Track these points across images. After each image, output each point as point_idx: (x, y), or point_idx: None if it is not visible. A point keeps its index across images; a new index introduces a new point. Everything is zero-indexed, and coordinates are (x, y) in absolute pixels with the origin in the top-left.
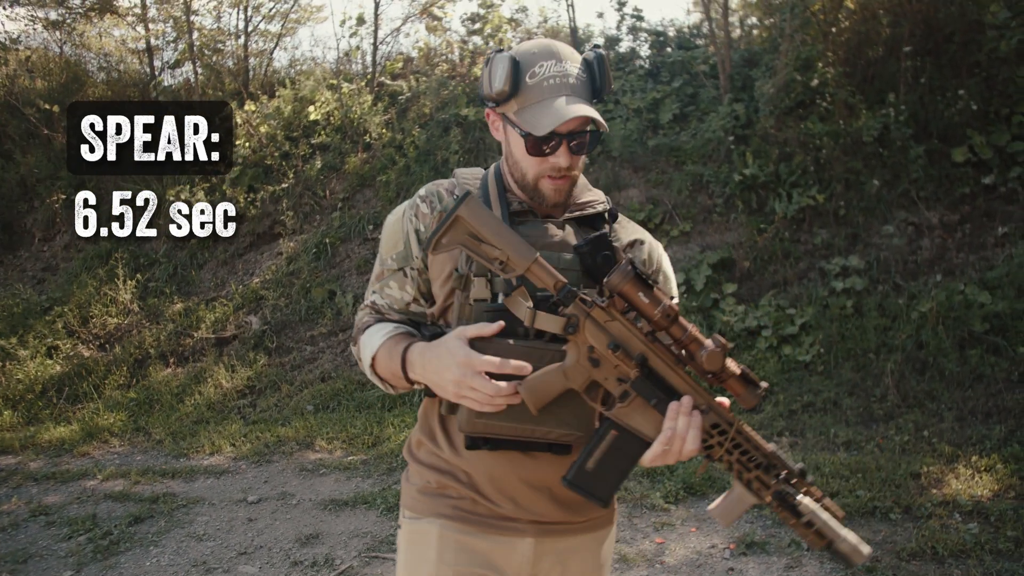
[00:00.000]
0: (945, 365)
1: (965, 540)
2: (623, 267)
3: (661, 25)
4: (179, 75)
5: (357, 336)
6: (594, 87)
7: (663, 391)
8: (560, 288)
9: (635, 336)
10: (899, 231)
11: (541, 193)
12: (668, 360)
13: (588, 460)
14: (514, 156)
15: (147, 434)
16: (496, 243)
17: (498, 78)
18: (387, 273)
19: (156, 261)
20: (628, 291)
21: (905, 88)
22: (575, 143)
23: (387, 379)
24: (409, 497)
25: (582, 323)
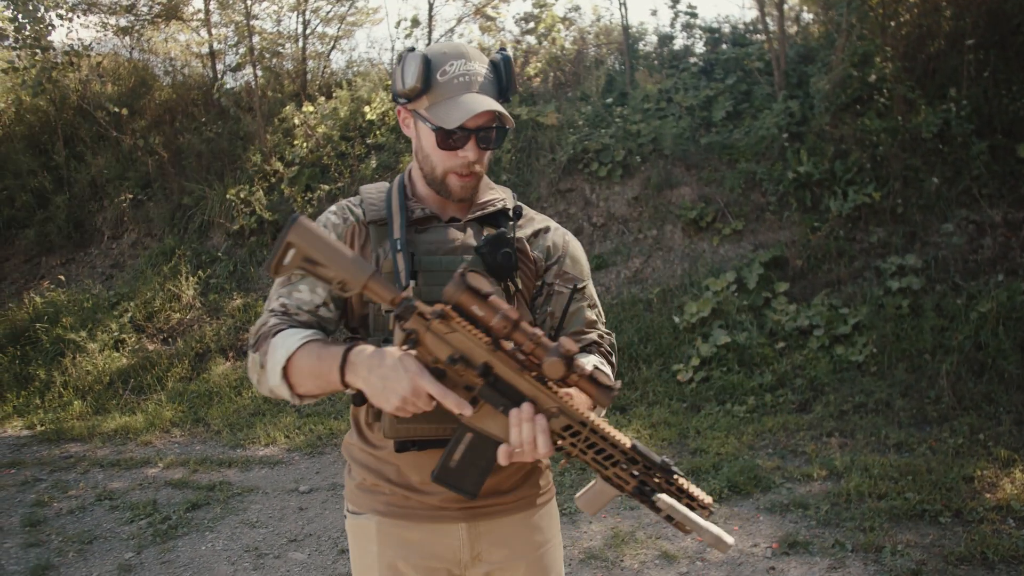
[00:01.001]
0: (1004, 367)
1: (1018, 546)
2: (455, 279)
3: (716, 22)
4: (240, 78)
5: (262, 342)
6: (500, 86)
7: (511, 397)
8: (399, 303)
9: (477, 346)
10: (959, 229)
11: (448, 188)
12: (514, 366)
13: (449, 459)
14: (424, 151)
15: (206, 425)
16: (330, 265)
17: (410, 75)
18: (295, 278)
19: (217, 258)
20: (464, 301)
21: (968, 82)
22: (482, 136)
23: (300, 383)
24: (350, 492)
25: (422, 336)
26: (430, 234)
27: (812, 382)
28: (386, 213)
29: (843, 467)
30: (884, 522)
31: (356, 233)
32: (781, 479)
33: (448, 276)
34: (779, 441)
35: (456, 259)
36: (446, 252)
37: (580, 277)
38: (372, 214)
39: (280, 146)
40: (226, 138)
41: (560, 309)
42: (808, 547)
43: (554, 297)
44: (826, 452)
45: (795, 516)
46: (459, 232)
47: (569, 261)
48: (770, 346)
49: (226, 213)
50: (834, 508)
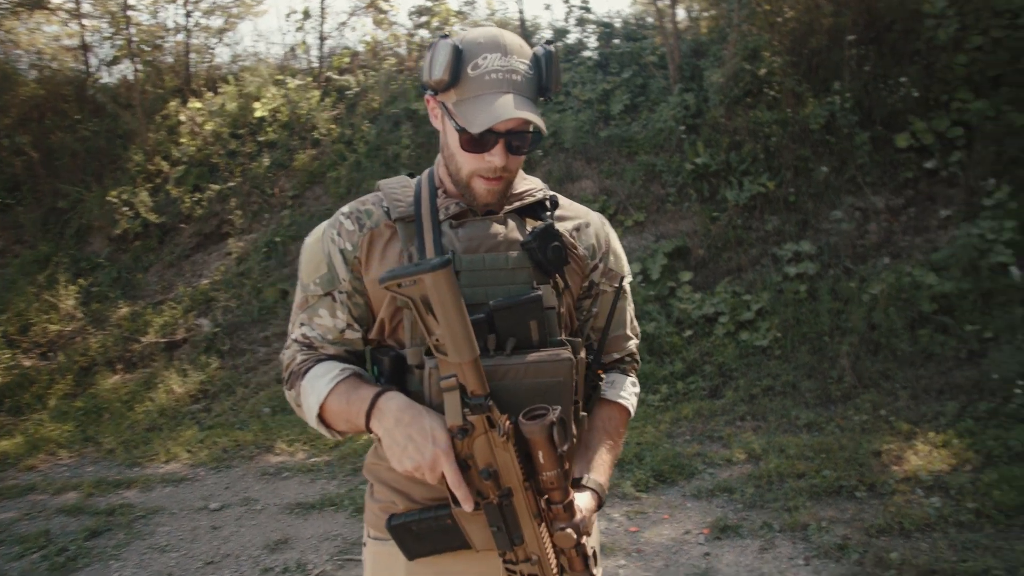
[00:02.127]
0: (897, 345)
1: (929, 514)
2: (544, 423)
3: (607, 17)
4: (117, 72)
5: (294, 381)
6: (540, 84)
7: (509, 526)
8: (475, 396)
9: (514, 473)
10: (847, 216)
11: (473, 192)
12: (531, 509)
13: (416, 523)
14: (449, 148)
15: (97, 444)
16: (443, 327)
17: (438, 66)
18: (313, 300)
19: (98, 265)
20: (536, 443)
21: (849, 76)
22: (514, 143)
23: (335, 425)
24: (373, 516)
25: (475, 435)
26: (468, 229)
27: (721, 368)
28: (414, 209)
29: (760, 449)
30: (806, 500)
31: (376, 237)
32: (703, 465)
33: (492, 275)
34: (695, 427)
35: (501, 256)
36: (489, 249)
37: (623, 272)
38: (399, 210)
39: (164, 144)
40: (104, 136)
41: (606, 309)
42: (738, 530)
43: (600, 297)
44: (742, 436)
45: (721, 501)
46: (500, 225)
47: (612, 257)
48: (678, 335)
49: (107, 216)
50: (758, 490)
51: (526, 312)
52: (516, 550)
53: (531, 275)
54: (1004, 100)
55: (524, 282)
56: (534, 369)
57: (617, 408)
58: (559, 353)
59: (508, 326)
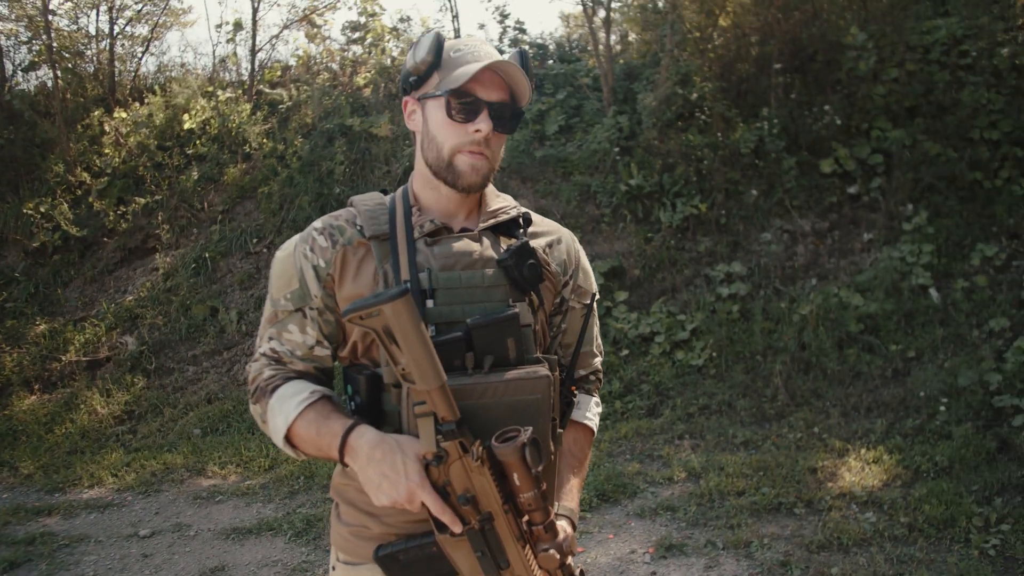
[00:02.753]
0: (827, 364)
1: (865, 529)
2: (516, 445)
3: (541, 38)
4: (34, 78)
5: (260, 397)
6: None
7: (493, 552)
8: (446, 422)
9: (492, 497)
10: (776, 238)
11: (456, 170)
12: (514, 532)
13: (403, 553)
14: (431, 132)
15: (13, 469)
16: (407, 356)
17: (423, 48)
18: (283, 315)
19: (13, 279)
20: (510, 465)
21: (776, 103)
22: (496, 111)
23: (304, 449)
24: (342, 539)
25: (450, 461)
26: (444, 247)
27: (658, 387)
28: (388, 227)
29: (700, 468)
30: (747, 518)
31: (350, 255)
32: (644, 483)
33: (469, 293)
34: (635, 446)
35: (477, 273)
36: (465, 267)
37: (592, 289)
38: (373, 228)
39: (86, 155)
40: (20, 145)
41: (575, 325)
42: (683, 548)
43: (569, 313)
44: (681, 454)
45: (664, 519)
46: (475, 243)
47: (582, 274)
48: (615, 354)
49: (23, 229)
50: (700, 508)
51: (503, 330)
52: (502, 573)
53: (507, 293)
54: (919, 130)
55: (500, 300)
56: (513, 387)
57: (582, 429)
58: (537, 370)
59: (486, 344)
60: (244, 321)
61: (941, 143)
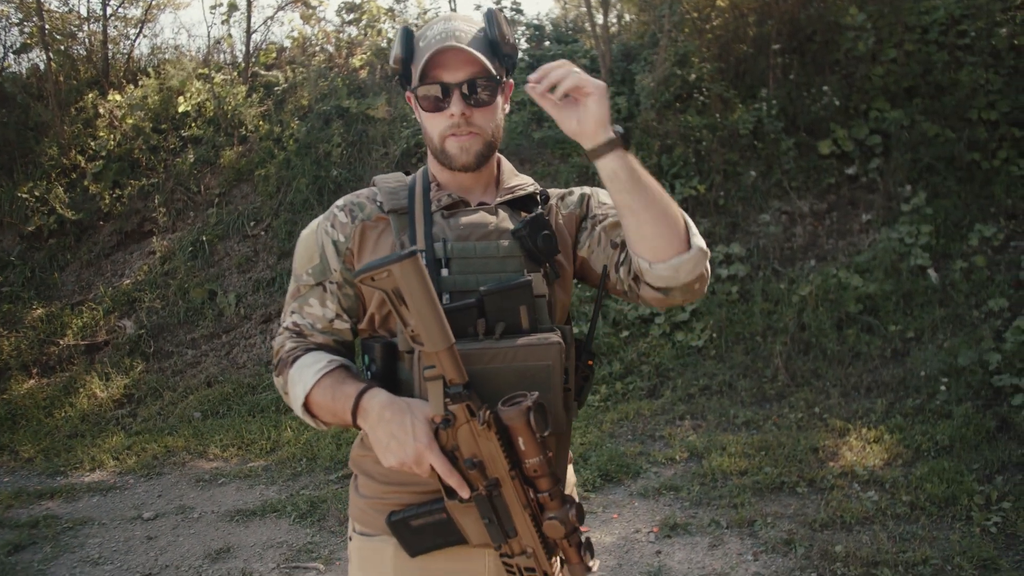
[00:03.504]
0: (826, 345)
1: (867, 508)
2: (521, 408)
3: (537, 19)
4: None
5: (282, 368)
6: (489, 40)
7: (501, 518)
8: (454, 384)
9: (500, 463)
10: (774, 219)
11: (448, 154)
12: (520, 499)
13: (414, 519)
14: (422, 124)
15: (13, 453)
16: (415, 317)
17: (396, 46)
18: (304, 289)
19: (9, 263)
20: (515, 429)
21: (775, 84)
22: (466, 90)
23: (321, 417)
24: (359, 511)
25: (458, 425)
26: (459, 218)
27: (658, 368)
28: (407, 201)
29: (702, 448)
30: (750, 497)
31: (369, 229)
32: (647, 464)
33: (483, 263)
34: (636, 427)
35: (492, 244)
36: (480, 237)
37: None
38: (392, 203)
39: (81, 138)
40: (13, 128)
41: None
42: (687, 528)
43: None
44: (682, 434)
45: (668, 499)
46: (491, 215)
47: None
48: (615, 335)
49: (18, 212)
50: (703, 488)
51: (516, 298)
52: (511, 543)
53: (522, 263)
54: (917, 110)
55: (515, 270)
56: (523, 352)
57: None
58: (548, 337)
59: (497, 311)
60: (242, 304)
61: (939, 124)
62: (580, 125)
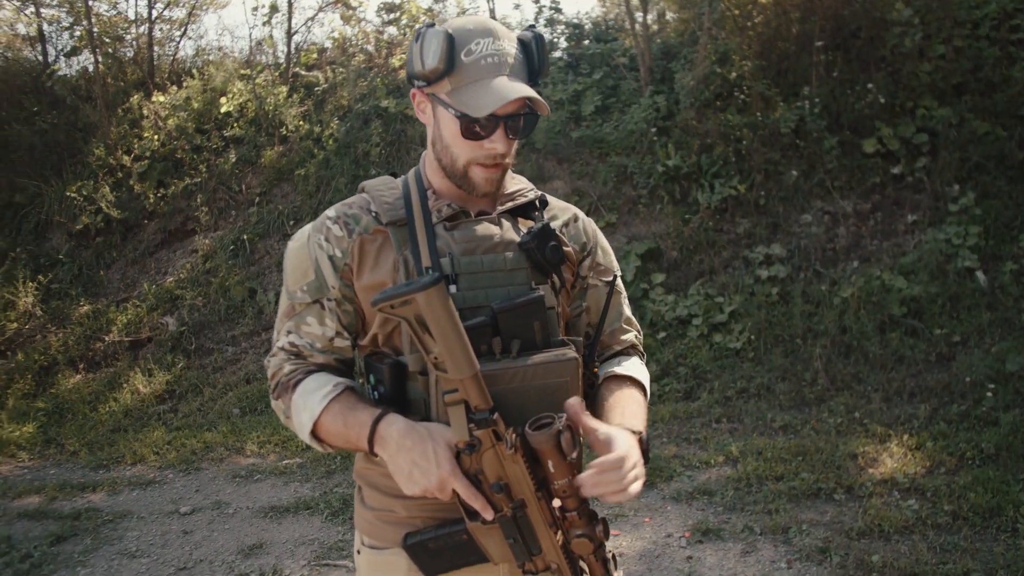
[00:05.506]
0: (868, 348)
1: (907, 517)
2: (551, 432)
3: (577, 18)
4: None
5: (282, 392)
6: (531, 68)
7: (526, 539)
8: (479, 410)
9: (526, 485)
10: (816, 220)
11: (471, 182)
12: (546, 519)
13: (432, 541)
14: (444, 140)
15: (59, 446)
16: (440, 345)
17: (431, 55)
18: (300, 307)
19: (58, 261)
20: (545, 452)
21: (818, 81)
22: (511, 125)
23: (331, 443)
24: (366, 523)
25: (483, 450)
26: (464, 231)
27: (695, 370)
28: (405, 212)
29: (738, 452)
30: (786, 503)
31: (367, 243)
32: (681, 467)
33: (491, 277)
34: (672, 429)
35: (498, 257)
36: (486, 250)
37: (612, 268)
38: (390, 214)
39: (127, 139)
40: (63, 129)
41: (597, 304)
42: (719, 533)
43: (589, 291)
44: (718, 438)
45: (701, 503)
46: (494, 226)
47: (600, 252)
48: (652, 336)
49: (67, 211)
50: (737, 493)
51: (529, 313)
52: (535, 560)
53: (529, 275)
54: (966, 108)
55: (522, 283)
56: (543, 370)
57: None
58: (565, 353)
59: (512, 328)
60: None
61: (990, 121)
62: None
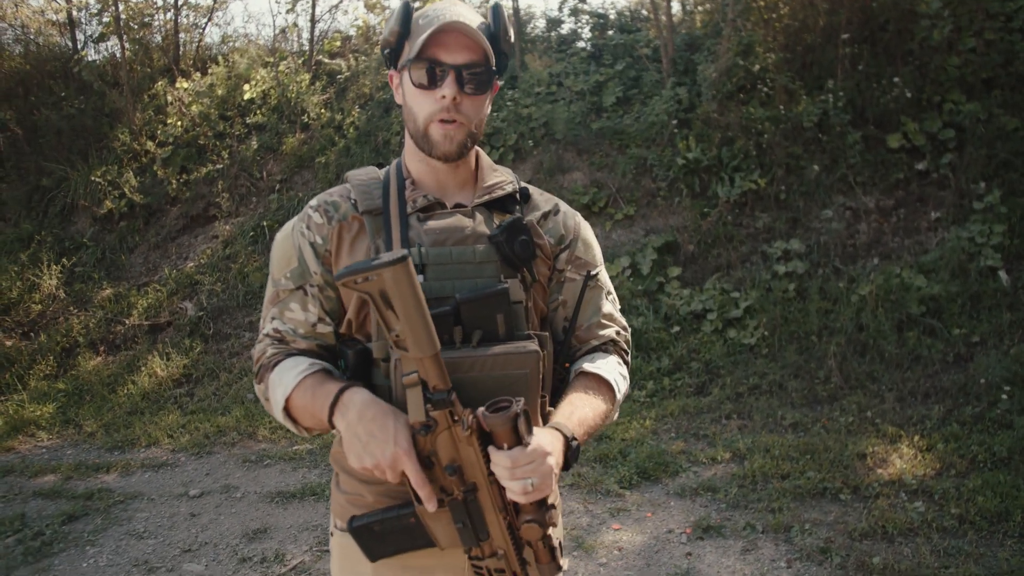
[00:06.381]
0: (884, 347)
1: (912, 519)
2: (509, 415)
3: (602, 8)
4: (104, 50)
5: (264, 374)
6: (491, 33)
7: (475, 521)
8: (438, 391)
9: (478, 468)
10: (837, 215)
11: (431, 140)
12: (496, 503)
13: (377, 523)
14: (407, 104)
15: (78, 427)
16: (403, 323)
17: (392, 20)
18: (284, 294)
19: (82, 245)
20: (500, 435)
21: (843, 75)
22: (464, 74)
23: (302, 421)
24: (339, 506)
25: (439, 430)
26: (435, 222)
27: (708, 365)
28: (381, 201)
29: (745, 449)
30: (790, 502)
31: (345, 230)
32: (687, 463)
33: (459, 269)
34: (681, 425)
35: (468, 249)
36: (456, 242)
37: (593, 263)
38: (366, 203)
39: (151, 124)
40: (90, 115)
41: (573, 298)
42: (721, 531)
43: (566, 284)
44: (727, 434)
45: (705, 500)
46: (467, 219)
47: (581, 245)
48: (666, 330)
49: (92, 196)
50: (741, 490)
51: (492, 305)
52: (483, 545)
53: (498, 269)
54: (996, 103)
55: (491, 276)
56: (501, 361)
57: (592, 377)
58: (525, 345)
59: (474, 319)
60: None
61: (1020, 117)
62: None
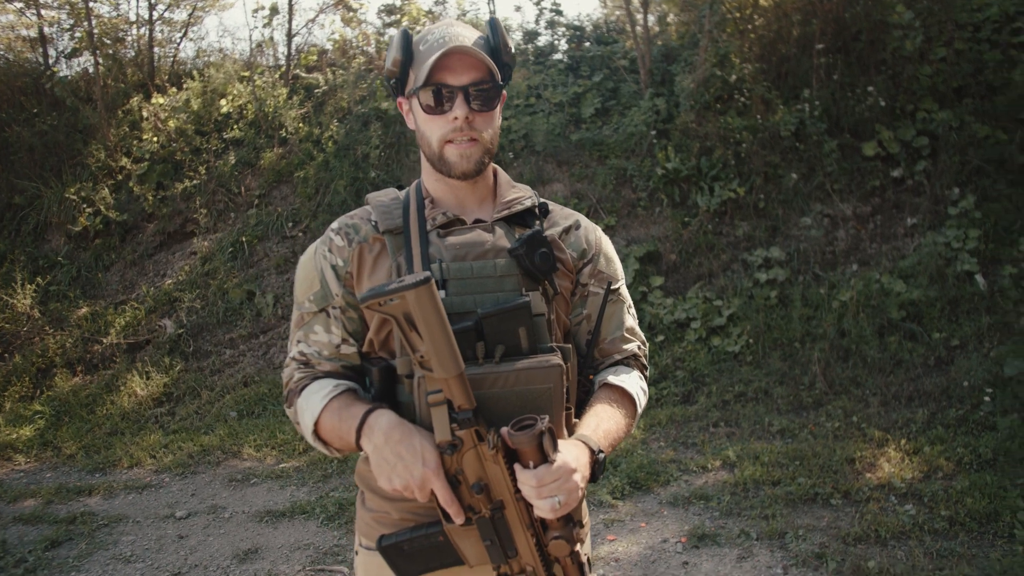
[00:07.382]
0: (867, 352)
1: (904, 522)
2: (533, 433)
3: (578, 20)
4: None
5: (292, 398)
6: (492, 47)
7: (503, 539)
8: (463, 410)
9: (505, 485)
10: (816, 223)
11: (447, 162)
12: (524, 521)
13: (407, 542)
14: (420, 129)
15: (56, 449)
16: (427, 344)
17: (393, 49)
18: (308, 317)
19: (57, 263)
20: (525, 453)
21: (818, 84)
22: (472, 93)
23: (331, 443)
24: (365, 524)
25: (464, 449)
26: (455, 238)
27: (693, 373)
28: (402, 220)
29: (735, 456)
30: (782, 508)
31: (366, 251)
32: (679, 472)
33: (480, 283)
34: (669, 433)
35: (488, 263)
36: (477, 256)
37: (615, 277)
38: (387, 222)
39: (127, 140)
40: (63, 131)
41: (596, 311)
42: (716, 539)
43: (589, 299)
44: (715, 442)
45: (698, 508)
46: (487, 233)
47: (603, 260)
48: (650, 339)
49: (66, 213)
50: (734, 498)
51: (514, 319)
52: (511, 563)
53: (519, 282)
54: (967, 111)
55: (512, 289)
56: (524, 376)
57: (616, 390)
58: (549, 359)
59: (496, 334)
60: (280, 305)
61: (990, 125)
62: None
